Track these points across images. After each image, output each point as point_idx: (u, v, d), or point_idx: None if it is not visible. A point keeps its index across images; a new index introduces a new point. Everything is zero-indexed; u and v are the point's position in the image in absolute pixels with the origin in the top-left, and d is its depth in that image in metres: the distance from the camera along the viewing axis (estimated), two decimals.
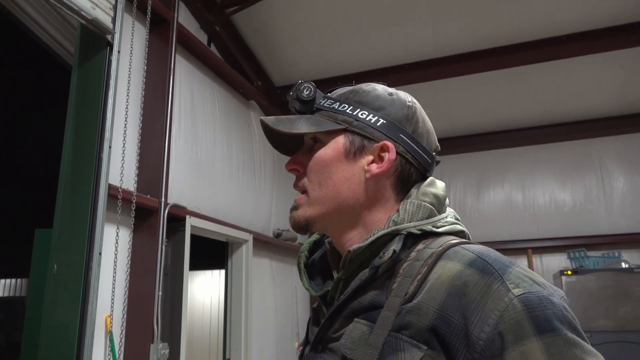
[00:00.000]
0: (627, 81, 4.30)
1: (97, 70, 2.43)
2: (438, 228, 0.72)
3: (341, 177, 0.75)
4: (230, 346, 3.64)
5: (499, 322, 0.57)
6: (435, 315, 0.60)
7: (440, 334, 0.59)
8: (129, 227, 2.59)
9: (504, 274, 0.60)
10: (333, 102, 0.79)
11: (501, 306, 0.57)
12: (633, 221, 4.70)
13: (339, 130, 0.77)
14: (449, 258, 0.65)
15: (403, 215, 0.73)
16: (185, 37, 3.16)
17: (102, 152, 2.32)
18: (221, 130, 3.69)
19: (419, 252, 0.69)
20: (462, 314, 0.59)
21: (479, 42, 3.86)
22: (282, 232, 4.48)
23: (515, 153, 5.19)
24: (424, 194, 0.75)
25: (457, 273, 0.62)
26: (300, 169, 0.80)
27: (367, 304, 0.68)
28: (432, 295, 0.62)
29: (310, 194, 0.77)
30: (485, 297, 0.59)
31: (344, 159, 0.76)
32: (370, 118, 0.77)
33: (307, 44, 4.06)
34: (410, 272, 0.66)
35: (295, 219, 0.78)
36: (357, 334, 0.66)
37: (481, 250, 0.65)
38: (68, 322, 2.17)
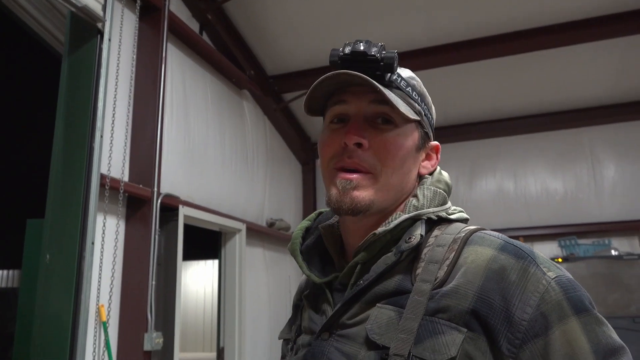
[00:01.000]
0: (618, 70, 4.31)
1: (87, 58, 2.41)
2: (450, 215, 0.75)
3: (407, 169, 0.75)
4: (224, 335, 3.65)
5: (540, 303, 0.60)
6: (475, 298, 0.61)
7: (482, 316, 0.60)
8: (122, 216, 2.58)
9: (535, 258, 0.64)
10: (407, 85, 0.75)
11: (540, 288, 0.61)
12: (623, 209, 4.74)
13: (413, 121, 0.75)
14: (477, 243, 0.67)
15: (422, 200, 0.74)
16: (176, 25, 3.13)
17: (93, 141, 2.31)
18: (214, 119, 3.67)
19: (437, 238, 0.70)
20: (502, 296, 0.61)
21: (472, 31, 3.85)
22: (275, 222, 4.48)
23: (507, 142, 5.21)
24: (438, 181, 0.77)
25: (491, 257, 0.64)
26: (365, 145, 0.71)
27: (392, 289, 0.67)
28: (470, 279, 0.63)
29: (381, 177, 0.71)
30: (524, 279, 0.61)
31: (414, 152, 0.76)
32: (429, 115, 0.79)
33: (300, 33, 4.03)
34: (434, 258, 0.67)
35: (359, 200, 0.70)
36: (384, 319, 0.65)
37: (504, 236, 0.68)
38: (61, 312, 2.17)
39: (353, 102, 0.73)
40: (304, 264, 0.78)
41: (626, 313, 4.10)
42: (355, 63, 0.71)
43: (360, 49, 0.71)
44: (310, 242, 0.82)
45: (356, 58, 0.71)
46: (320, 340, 0.71)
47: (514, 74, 4.38)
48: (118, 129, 2.59)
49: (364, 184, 0.71)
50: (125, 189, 2.50)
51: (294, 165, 5.48)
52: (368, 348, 0.65)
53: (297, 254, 0.80)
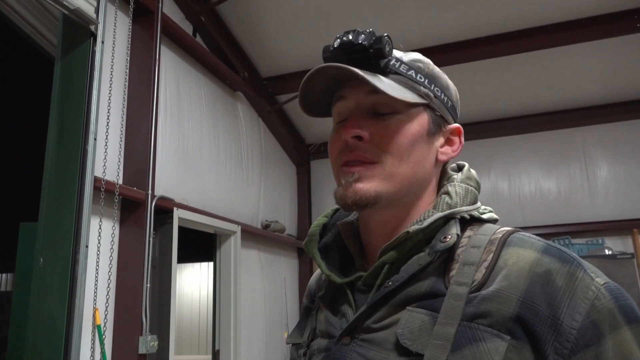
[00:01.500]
0: (611, 70, 4.34)
1: (80, 61, 2.40)
2: (482, 214, 0.70)
3: (420, 157, 0.70)
4: (220, 337, 3.65)
5: (590, 310, 0.56)
6: (519, 303, 0.57)
7: (528, 323, 0.56)
8: (116, 219, 2.57)
9: (581, 263, 0.60)
10: (409, 69, 0.71)
11: (590, 295, 0.57)
12: (616, 209, 4.77)
13: (420, 104, 0.70)
14: (517, 245, 0.63)
15: (456, 198, 0.69)
16: (170, 27, 3.13)
17: (87, 144, 2.30)
18: (208, 121, 3.67)
19: (471, 239, 0.66)
20: (548, 302, 0.57)
21: (465, 32, 3.87)
22: (270, 224, 4.48)
23: (501, 142, 5.23)
24: (469, 178, 0.73)
25: (535, 260, 0.60)
26: (365, 137, 0.68)
27: (424, 291, 0.62)
28: (512, 283, 0.58)
29: (386, 167, 0.67)
30: (572, 285, 0.57)
31: (426, 137, 0.70)
32: (443, 97, 0.73)
33: (293, 35, 4.04)
34: (470, 259, 0.63)
35: (363, 192, 0.67)
36: (417, 323, 0.60)
37: (542, 239, 0.65)
38: (55, 315, 2.16)
39: (352, 96, 0.71)
40: (322, 263, 0.74)
41: None
42: (345, 55, 0.68)
43: (348, 39, 0.68)
44: (329, 240, 0.77)
45: (345, 49, 0.68)
46: (340, 345, 0.66)
47: (507, 74, 4.40)
48: (113, 131, 2.59)
49: (368, 175, 0.67)
50: (120, 192, 2.49)
51: (288, 167, 5.47)
52: (398, 354, 0.60)
53: (315, 252, 0.75)
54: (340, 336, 0.67)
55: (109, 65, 2.58)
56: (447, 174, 0.75)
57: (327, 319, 0.72)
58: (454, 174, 0.74)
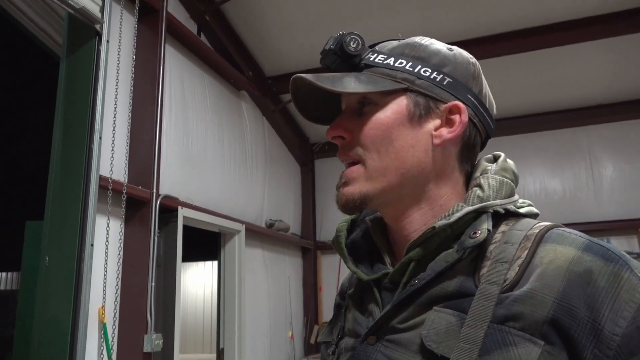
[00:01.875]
0: (616, 69, 4.32)
1: (85, 60, 2.40)
2: (519, 208, 0.65)
3: (405, 144, 0.65)
4: (224, 336, 3.65)
5: (637, 315, 0.50)
6: (555, 305, 0.52)
7: (564, 327, 0.51)
8: (121, 218, 2.58)
9: (628, 262, 0.54)
10: (386, 58, 0.68)
11: (637, 298, 0.51)
12: (621, 208, 4.75)
13: (398, 91, 0.66)
14: (555, 241, 0.57)
15: (488, 191, 0.64)
16: (174, 26, 3.13)
17: (92, 143, 2.30)
18: (212, 120, 3.67)
19: (505, 234, 0.61)
20: (587, 305, 0.51)
21: (468, 31, 3.86)
22: (274, 222, 4.49)
23: (506, 142, 5.21)
24: (504, 169, 0.67)
25: (574, 258, 0.54)
26: (346, 136, 0.68)
27: (452, 290, 0.59)
28: (547, 283, 0.54)
29: (368, 164, 0.66)
30: (616, 286, 0.52)
31: (408, 122, 0.66)
32: (435, 76, 0.66)
33: (297, 34, 4.04)
34: (503, 257, 0.58)
35: (348, 196, 0.66)
36: (443, 325, 0.56)
37: (585, 235, 0.59)
38: (61, 314, 2.16)
39: (343, 100, 0.72)
40: (349, 259, 0.71)
41: None
42: (324, 60, 0.71)
43: (324, 48, 0.70)
44: (357, 236, 0.74)
45: (325, 57, 0.71)
46: (365, 345, 0.64)
47: (511, 73, 4.39)
48: (119, 130, 2.59)
49: (353, 177, 0.67)
50: (125, 191, 2.50)
51: (292, 166, 5.48)
52: (423, 357, 0.57)
53: (342, 248, 0.72)
54: (365, 335, 0.64)
55: (114, 65, 2.59)
56: (481, 165, 0.70)
57: (354, 317, 0.70)
58: (488, 166, 0.69)
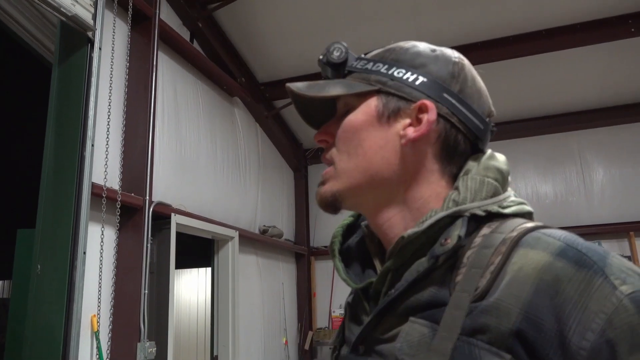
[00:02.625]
0: (607, 74, 4.37)
1: (78, 67, 2.40)
2: (504, 209, 0.61)
3: (373, 145, 0.65)
4: (218, 343, 3.64)
5: (606, 327, 0.46)
6: (520, 316, 0.49)
7: (528, 340, 0.48)
8: (114, 225, 2.57)
9: (605, 267, 0.49)
10: (366, 63, 0.69)
11: (608, 308, 0.46)
12: (613, 212, 4.79)
13: (371, 92, 0.67)
14: (530, 246, 0.54)
15: (465, 193, 0.61)
16: (167, 33, 3.13)
17: (84, 150, 2.30)
18: (205, 127, 3.67)
19: (485, 238, 0.57)
20: (555, 316, 0.48)
21: (460, 37, 3.89)
22: (268, 229, 4.48)
23: (498, 146, 5.18)
24: (486, 168, 0.64)
25: (545, 265, 0.51)
26: (329, 140, 0.69)
27: (426, 300, 0.57)
28: (514, 292, 0.51)
29: (337, 165, 0.67)
30: (586, 295, 0.48)
31: (377, 123, 0.65)
32: (408, 76, 0.66)
33: (290, 40, 4.05)
34: (478, 262, 0.55)
35: (321, 194, 0.68)
36: (416, 336, 0.55)
37: (569, 237, 0.54)
38: (53, 322, 2.15)
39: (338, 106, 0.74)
40: (340, 266, 0.70)
41: None
42: (323, 71, 0.74)
43: (319, 59, 0.73)
44: (352, 243, 0.73)
45: (321, 68, 0.74)
46: (355, 355, 0.63)
47: (503, 79, 4.42)
48: (112, 138, 2.59)
49: (327, 177, 0.69)
50: (118, 198, 2.49)
51: (286, 172, 5.48)
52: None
53: (334, 255, 0.71)
54: (354, 345, 0.64)
55: (107, 72, 2.59)
56: (466, 165, 0.66)
57: (349, 325, 0.70)
58: (472, 166, 0.65)
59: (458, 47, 3.64)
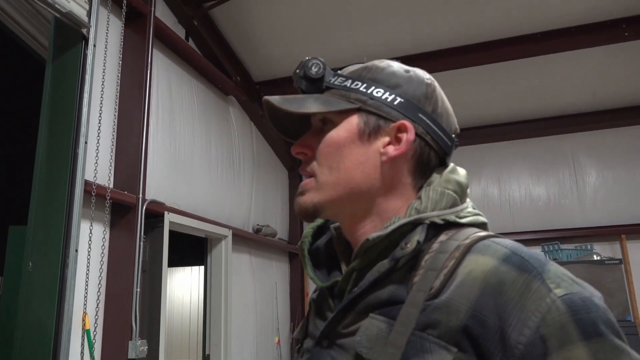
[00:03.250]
0: (600, 78, 4.39)
1: (72, 64, 2.39)
2: (461, 218, 0.67)
3: (354, 161, 0.69)
4: (210, 342, 3.63)
5: (540, 325, 0.52)
6: (467, 314, 0.55)
7: (474, 335, 0.55)
8: (107, 223, 2.56)
9: (543, 272, 0.56)
10: (344, 80, 0.72)
11: (543, 307, 0.53)
12: (605, 215, 4.82)
13: (351, 110, 0.70)
14: (479, 252, 0.60)
15: (426, 203, 0.67)
16: (162, 31, 3.12)
17: (77, 147, 2.29)
18: (200, 125, 3.67)
19: (442, 244, 0.64)
20: (498, 314, 0.54)
21: (455, 39, 3.90)
22: (261, 228, 4.48)
23: (492, 148, 5.27)
24: (447, 181, 0.70)
25: (491, 269, 0.57)
26: (308, 153, 0.73)
27: (385, 298, 0.62)
28: (464, 293, 0.57)
29: (319, 178, 0.70)
30: (525, 296, 0.54)
31: (358, 140, 0.70)
32: (387, 96, 0.70)
33: (286, 40, 4.05)
34: (434, 265, 0.61)
35: (301, 204, 0.71)
36: (374, 331, 0.60)
37: (514, 245, 0.61)
38: (44, 320, 2.14)
39: (312, 120, 0.77)
40: (309, 265, 0.75)
41: None
42: (298, 84, 0.75)
43: (295, 72, 0.74)
44: (321, 243, 0.78)
45: (296, 81, 0.75)
46: (319, 348, 0.68)
47: (497, 81, 4.44)
48: (104, 135, 2.58)
49: (307, 188, 0.72)
50: (110, 196, 2.48)
51: (280, 171, 5.48)
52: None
53: (304, 254, 0.76)
54: (319, 339, 0.69)
55: (101, 69, 2.58)
56: (430, 178, 0.72)
57: (314, 320, 0.75)
58: (435, 178, 0.71)
59: (454, 49, 3.64)
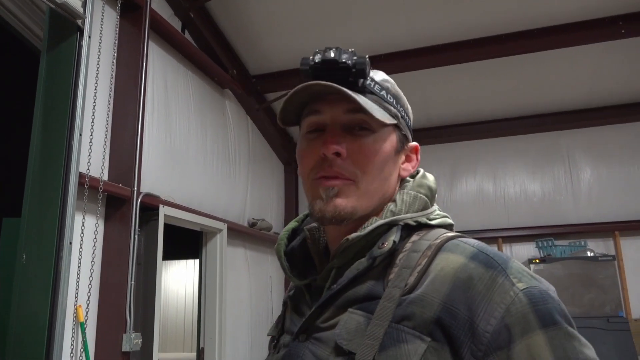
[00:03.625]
0: (596, 75, 4.40)
1: (67, 55, 2.37)
2: (431, 220, 0.73)
3: (388, 174, 0.74)
4: (205, 335, 3.64)
5: (505, 315, 0.58)
6: (440, 307, 0.60)
7: (446, 326, 0.59)
8: (101, 216, 2.55)
9: (507, 268, 0.62)
10: (380, 89, 0.74)
11: (507, 299, 0.59)
12: (599, 211, 4.84)
13: (390, 125, 0.74)
14: (450, 251, 0.65)
15: (400, 205, 0.73)
16: (158, 23, 3.10)
17: (72, 139, 2.28)
18: (196, 118, 3.65)
19: (414, 244, 0.69)
20: (467, 306, 0.59)
21: (453, 34, 3.89)
22: (257, 222, 4.48)
23: (488, 144, 5.28)
24: (419, 186, 0.76)
25: (460, 266, 0.63)
26: (343, 154, 0.70)
27: (363, 294, 0.66)
28: (436, 287, 0.62)
29: (362, 185, 0.71)
30: (491, 290, 0.60)
31: (394, 155, 0.75)
32: (405, 117, 0.78)
33: (283, 33, 4.03)
34: (408, 263, 0.66)
35: (340, 207, 0.70)
36: (353, 324, 0.64)
37: (480, 244, 0.67)
38: (38, 312, 2.13)
39: (328, 112, 0.72)
40: (286, 266, 0.79)
41: (601, 313, 4.19)
42: (326, 71, 0.70)
43: (331, 57, 0.69)
44: (296, 244, 0.82)
45: (327, 66, 0.70)
46: (297, 342, 0.71)
47: (494, 77, 4.44)
48: (98, 127, 2.56)
49: (346, 191, 0.70)
50: (105, 188, 2.47)
51: (276, 165, 5.47)
52: (336, 354, 0.64)
53: (281, 255, 0.80)
54: (297, 334, 0.71)
55: (95, 60, 2.57)
56: (404, 182, 0.78)
57: (291, 317, 0.78)
58: (408, 182, 0.78)
59: (451, 44, 3.63)
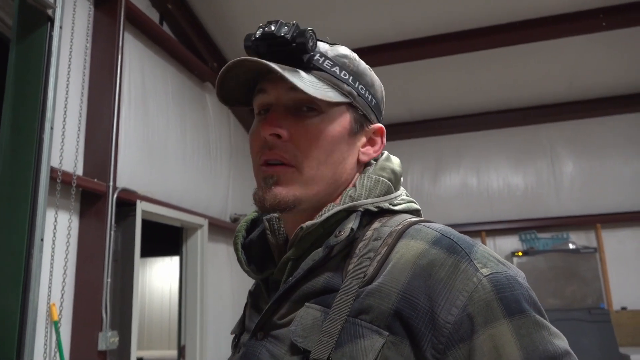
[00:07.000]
0: (577, 68, 4.42)
1: (37, 46, 2.29)
2: (395, 206, 0.68)
3: (340, 158, 0.68)
4: (186, 333, 3.59)
5: (467, 303, 0.53)
6: (398, 297, 0.55)
7: (405, 317, 0.54)
8: (75, 211, 2.48)
9: (471, 253, 0.57)
10: (332, 65, 0.68)
11: (470, 287, 0.54)
12: (580, 204, 4.88)
13: (342, 103, 0.68)
14: (411, 237, 0.61)
15: (360, 190, 0.67)
16: (134, 14, 3.03)
17: (43, 133, 2.20)
18: (174, 112, 3.58)
19: (375, 231, 0.63)
20: (428, 295, 0.54)
21: (436, 27, 3.87)
22: (239, 217, 4.42)
23: (471, 138, 5.28)
24: (382, 169, 0.70)
25: (421, 252, 0.58)
26: (284, 135, 0.65)
27: (320, 287, 0.61)
28: (395, 276, 0.57)
29: (305, 171, 0.65)
30: (453, 277, 0.55)
31: (347, 137, 0.69)
32: (367, 95, 0.71)
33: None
34: (368, 253, 0.61)
35: (280, 196, 0.65)
36: (309, 320, 0.59)
37: (445, 229, 0.62)
38: (8, 312, 2.06)
39: (272, 91, 0.68)
40: (243, 259, 0.73)
41: (583, 305, 4.22)
42: (266, 46, 0.66)
43: (270, 30, 0.65)
44: (255, 236, 0.76)
45: (266, 41, 0.66)
46: (254, 341, 0.66)
47: (477, 70, 4.43)
48: (70, 120, 2.49)
49: (287, 179, 0.66)
50: (79, 183, 2.40)
51: None
52: (292, 352, 0.59)
53: (237, 248, 0.74)
54: (254, 332, 0.67)
55: (67, 52, 2.49)
56: (366, 166, 0.73)
57: (250, 314, 0.74)
58: (370, 166, 0.72)
59: (432, 37, 3.59)
